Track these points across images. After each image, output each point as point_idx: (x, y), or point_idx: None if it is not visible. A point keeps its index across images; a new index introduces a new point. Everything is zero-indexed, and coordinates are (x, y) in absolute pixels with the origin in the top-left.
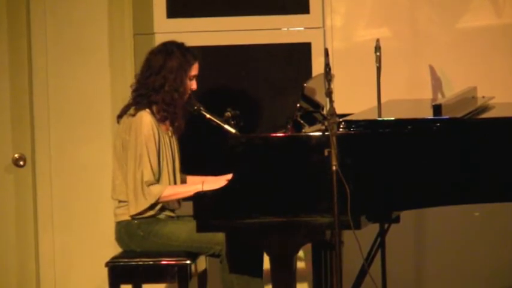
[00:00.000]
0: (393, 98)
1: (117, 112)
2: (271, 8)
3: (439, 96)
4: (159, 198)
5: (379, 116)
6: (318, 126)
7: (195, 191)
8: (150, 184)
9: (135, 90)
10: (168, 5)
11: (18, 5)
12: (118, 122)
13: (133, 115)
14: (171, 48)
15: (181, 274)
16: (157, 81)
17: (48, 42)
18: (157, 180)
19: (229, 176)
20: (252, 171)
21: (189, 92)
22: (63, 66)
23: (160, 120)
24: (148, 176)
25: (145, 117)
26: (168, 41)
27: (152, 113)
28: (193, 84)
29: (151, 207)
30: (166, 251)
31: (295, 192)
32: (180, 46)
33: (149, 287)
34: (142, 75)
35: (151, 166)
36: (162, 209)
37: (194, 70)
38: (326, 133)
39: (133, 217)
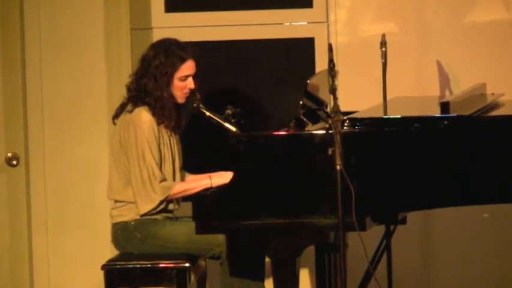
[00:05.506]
0: (399, 95)
1: (114, 109)
2: (273, 2)
3: (447, 93)
4: (168, 196)
5: (385, 113)
6: (322, 124)
7: (205, 187)
8: (161, 180)
9: (130, 91)
10: None
11: None
12: (114, 123)
13: (131, 111)
14: (161, 48)
15: (180, 277)
16: (145, 83)
17: (42, 38)
18: None
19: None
20: (253, 171)
21: (185, 92)
22: (57, 62)
23: (157, 121)
24: (157, 172)
25: (144, 113)
26: (162, 39)
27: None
28: (190, 84)
29: (160, 204)
30: (164, 254)
31: (298, 193)
32: (171, 46)
33: None
34: (136, 76)
35: (155, 162)
36: (160, 210)
37: (185, 70)
38: (330, 131)
39: (142, 216)
